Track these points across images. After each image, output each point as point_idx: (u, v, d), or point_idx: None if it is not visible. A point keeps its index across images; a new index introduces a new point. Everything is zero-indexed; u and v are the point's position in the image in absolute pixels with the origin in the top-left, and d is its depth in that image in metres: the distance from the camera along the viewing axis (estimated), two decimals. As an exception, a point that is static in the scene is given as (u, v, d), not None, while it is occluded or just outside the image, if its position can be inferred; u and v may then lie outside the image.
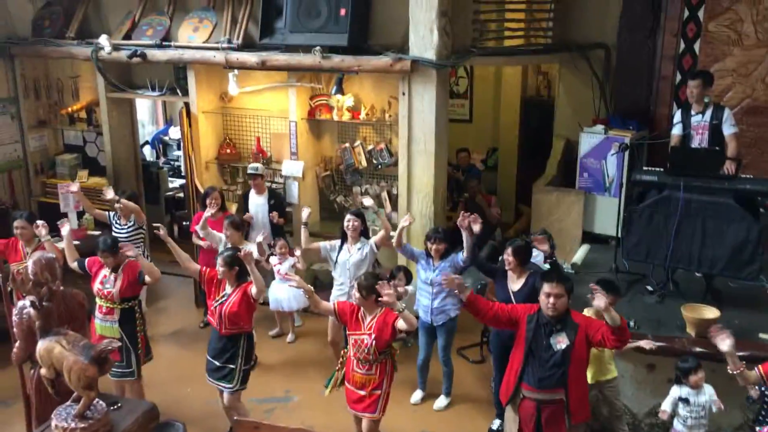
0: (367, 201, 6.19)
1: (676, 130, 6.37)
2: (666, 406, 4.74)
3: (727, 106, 6.47)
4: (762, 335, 5.32)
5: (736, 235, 5.49)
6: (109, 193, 6.73)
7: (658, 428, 5.39)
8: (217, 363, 5.24)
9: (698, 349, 5.07)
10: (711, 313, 5.33)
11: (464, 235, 5.44)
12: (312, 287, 4.89)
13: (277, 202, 7.26)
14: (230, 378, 5.23)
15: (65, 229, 5.67)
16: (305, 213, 6.22)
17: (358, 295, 4.74)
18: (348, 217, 6.04)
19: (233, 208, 7.68)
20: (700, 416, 4.71)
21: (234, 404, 5.31)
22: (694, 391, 4.69)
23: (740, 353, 4.81)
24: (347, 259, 6.05)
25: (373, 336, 4.70)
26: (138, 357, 5.52)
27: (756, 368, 4.11)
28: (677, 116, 6.40)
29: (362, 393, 4.82)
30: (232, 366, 5.21)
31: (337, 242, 6.14)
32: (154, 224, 5.74)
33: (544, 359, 4.28)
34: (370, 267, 6.09)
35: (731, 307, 5.66)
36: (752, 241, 5.44)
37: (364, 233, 6.11)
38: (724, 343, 4.14)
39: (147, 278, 5.33)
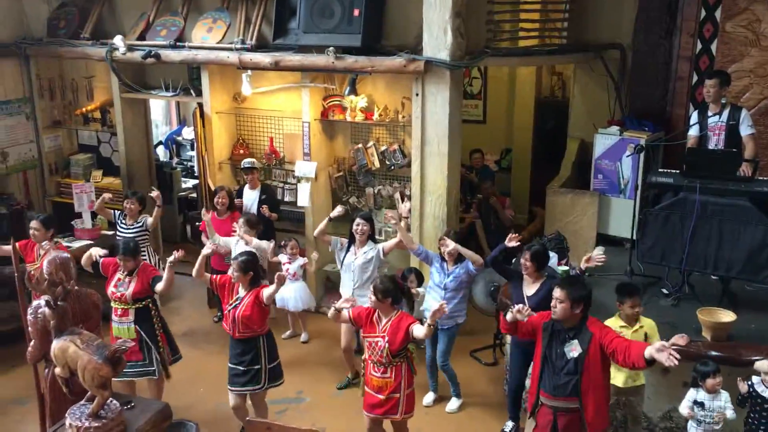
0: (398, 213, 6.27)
1: (693, 131, 6.33)
2: (683, 409, 4.70)
3: (745, 107, 6.40)
4: (779, 339, 5.26)
5: (752, 238, 5.42)
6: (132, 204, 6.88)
7: (673, 432, 5.34)
8: (241, 368, 5.23)
9: (714, 353, 5.01)
10: (727, 316, 5.28)
11: (463, 252, 5.59)
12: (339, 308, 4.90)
13: (269, 196, 7.27)
14: (257, 380, 5.23)
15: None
16: (338, 210, 6.41)
17: (373, 298, 4.72)
18: (357, 221, 6.05)
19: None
20: (714, 421, 4.67)
21: (259, 402, 5.34)
22: (710, 396, 4.64)
23: (756, 357, 4.78)
24: (352, 261, 6.08)
25: (386, 338, 4.69)
26: (161, 355, 5.53)
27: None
28: (694, 117, 6.35)
29: (381, 397, 4.81)
30: (257, 367, 5.22)
31: (346, 242, 6.18)
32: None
33: (558, 367, 4.26)
34: (376, 271, 6.09)
35: (747, 311, 5.60)
36: (769, 244, 5.38)
37: (371, 237, 6.15)
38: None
39: (159, 286, 5.32)
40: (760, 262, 5.43)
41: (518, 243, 5.37)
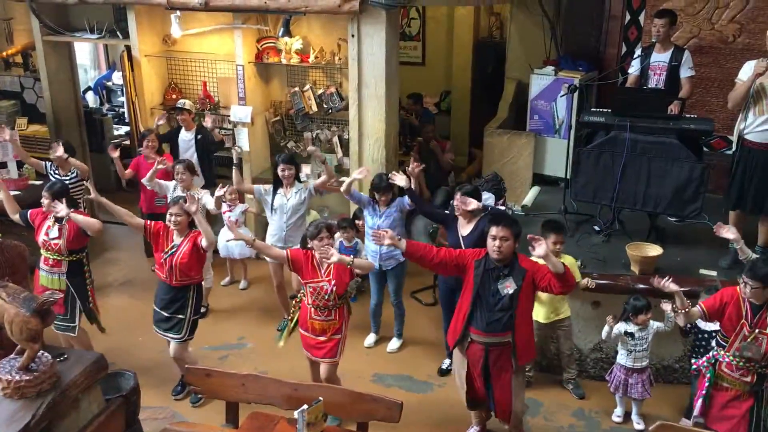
0: (306, 169, 6.20)
1: (633, 70, 6.39)
2: (604, 333, 4.92)
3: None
4: (703, 271, 5.51)
5: (679, 175, 5.60)
6: (59, 150, 6.46)
7: (602, 363, 5.58)
8: (166, 314, 5.19)
9: (641, 286, 5.22)
10: (654, 251, 5.49)
11: (412, 182, 5.48)
12: (253, 237, 4.86)
13: (204, 136, 7.11)
14: (179, 328, 5.19)
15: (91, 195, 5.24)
16: (235, 153, 6.28)
17: (325, 240, 4.69)
18: (281, 166, 5.98)
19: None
20: (644, 349, 4.90)
21: (181, 354, 5.28)
22: (638, 327, 4.86)
23: (682, 289, 4.99)
24: (285, 203, 6.03)
25: (333, 282, 4.70)
26: (89, 310, 5.43)
27: (698, 305, 4.25)
28: (636, 55, 6.40)
29: (322, 339, 4.84)
30: (181, 316, 5.17)
31: (271, 187, 6.11)
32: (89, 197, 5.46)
33: (491, 304, 4.32)
34: (308, 210, 6.13)
35: (674, 245, 5.83)
36: (695, 180, 5.57)
37: (296, 178, 6.12)
38: (670, 286, 4.25)
39: (89, 231, 5.19)
40: (686, 198, 5.63)
41: (420, 169, 5.47)
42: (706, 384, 4.30)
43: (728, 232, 4.62)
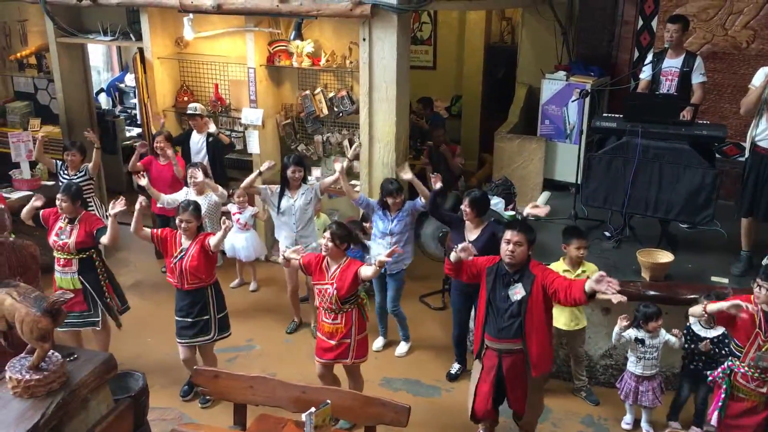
0: (337, 165, 6.15)
1: (645, 76, 6.37)
2: (614, 336, 4.87)
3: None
4: (714, 278, 5.46)
5: (691, 181, 5.57)
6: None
7: (612, 369, 5.55)
8: (190, 320, 5.17)
9: (652, 292, 5.20)
10: (665, 257, 5.45)
11: (416, 185, 5.56)
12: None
13: (215, 139, 7.16)
14: (206, 329, 5.20)
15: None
16: (266, 165, 6.17)
17: (330, 244, 4.71)
18: (292, 167, 5.99)
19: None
20: (654, 356, 4.87)
21: (208, 353, 5.31)
22: (649, 334, 4.83)
23: (692, 295, 4.96)
24: (292, 204, 6.03)
25: (334, 285, 4.71)
26: (108, 305, 5.46)
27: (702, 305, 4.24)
28: (648, 60, 6.38)
29: (332, 342, 4.85)
30: (205, 317, 5.18)
31: (277, 188, 6.10)
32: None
33: (502, 309, 4.31)
34: (314, 212, 6.17)
35: (685, 252, 5.79)
36: (707, 187, 5.53)
37: (303, 179, 6.13)
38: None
39: (104, 239, 5.18)
40: (698, 205, 5.59)
41: (441, 184, 5.45)
42: (722, 395, 4.25)
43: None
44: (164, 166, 6.97)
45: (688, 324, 4.85)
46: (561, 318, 5.17)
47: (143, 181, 6.19)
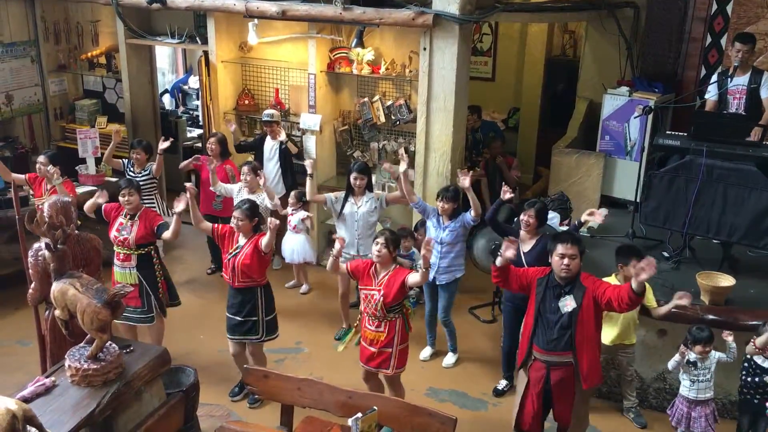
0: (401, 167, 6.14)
1: (711, 95, 6.22)
2: (671, 363, 4.74)
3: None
4: (778, 305, 5.27)
5: (757, 204, 5.39)
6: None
7: (665, 393, 5.39)
8: (239, 318, 5.26)
9: (711, 317, 5.04)
10: (726, 281, 5.29)
11: (469, 195, 5.49)
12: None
13: (286, 147, 7.26)
14: (255, 330, 5.28)
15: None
16: (308, 163, 6.24)
17: (384, 250, 4.72)
18: (355, 174, 6.04)
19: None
20: (707, 379, 4.70)
21: (257, 353, 5.39)
22: (700, 356, 4.68)
23: (754, 322, 4.79)
24: (355, 211, 6.07)
25: (381, 292, 4.72)
26: (160, 301, 5.60)
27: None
28: (713, 80, 6.23)
29: (373, 350, 4.86)
30: (254, 318, 5.26)
31: (342, 194, 6.16)
32: (187, 184, 5.58)
33: (552, 321, 4.27)
34: (378, 220, 6.16)
35: (748, 277, 5.61)
36: (774, 211, 5.34)
37: (368, 187, 6.17)
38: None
39: (167, 234, 5.33)
40: (763, 228, 5.41)
41: (512, 195, 5.38)
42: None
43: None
44: (217, 168, 7.08)
45: (747, 355, 4.69)
46: (607, 334, 5.06)
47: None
